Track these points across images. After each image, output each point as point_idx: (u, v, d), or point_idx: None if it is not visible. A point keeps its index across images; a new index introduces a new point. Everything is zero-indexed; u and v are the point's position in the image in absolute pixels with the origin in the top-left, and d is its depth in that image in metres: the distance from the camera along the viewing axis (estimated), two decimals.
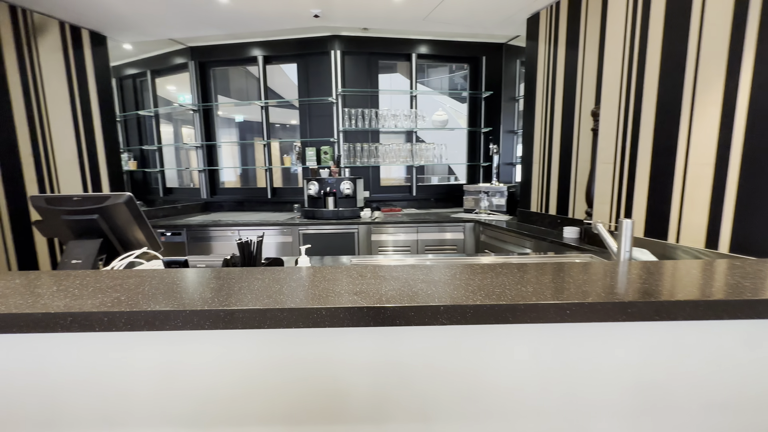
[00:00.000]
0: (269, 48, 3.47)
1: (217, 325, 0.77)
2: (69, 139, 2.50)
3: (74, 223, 1.32)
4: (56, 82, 2.41)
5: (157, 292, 0.87)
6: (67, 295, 0.87)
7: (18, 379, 0.89)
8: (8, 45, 2.17)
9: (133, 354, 0.87)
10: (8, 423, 0.92)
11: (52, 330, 0.78)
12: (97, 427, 0.91)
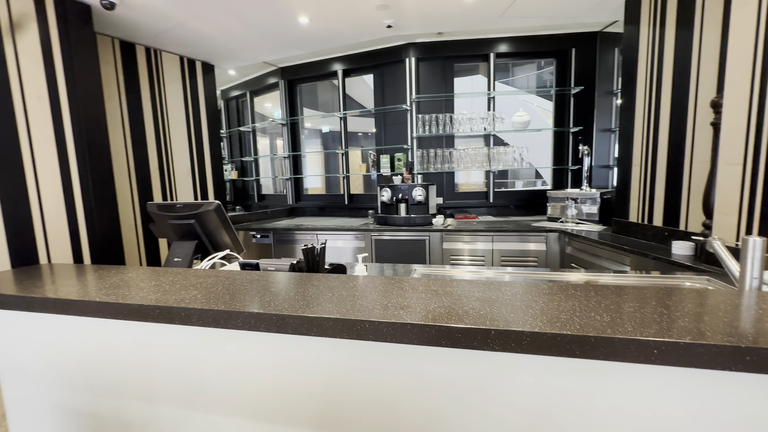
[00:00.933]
0: (347, 61, 3.65)
1: (270, 329, 0.81)
2: (184, 154, 2.98)
3: (177, 227, 1.55)
4: (176, 106, 2.89)
5: (226, 293, 0.96)
6: (160, 290, 1.02)
7: (127, 357, 1.07)
8: (144, 79, 2.68)
9: (206, 347, 0.98)
10: (118, 393, 1.11)
11: (146, 319, 0.92)
12: (181, 406, 1.04)
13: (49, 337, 1.16)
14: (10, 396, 1.27)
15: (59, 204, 1.89)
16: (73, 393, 1.16)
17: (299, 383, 0.90)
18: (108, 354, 1.09)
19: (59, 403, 1.19)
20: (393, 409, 0.84)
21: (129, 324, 1.03)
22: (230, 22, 2.34)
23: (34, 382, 1.22)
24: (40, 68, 1.83)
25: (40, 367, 1.20)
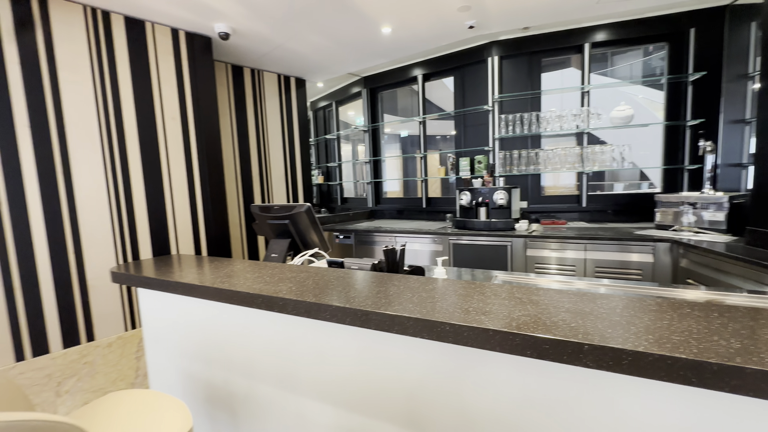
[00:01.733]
0: (427, 66, 3.67)
1: (355, 323, 0.87)
2: (279, 161, 3.32)
3: (274, 226, 1.74)
4: (273, 119, 3.25)
5: (316, 287, 1.06)
6: (262, 281, 1.16)
7: (234, 338, 1.24)
8: (249, 97, 3.07)
9: (297, 335, 1.08)
10: (226, 367, 1.28)
11: (251, 306, 1.05)
12: (275, 386, 1.16)
13: (178, 314, 1.40)
14: (151, 361, 1.57)
15: (185, 205, 2.28)
16: (193, 362, 1.38)
17: (378, 377, 0.94)
18: (219, 333, 1.27)
19: (184, 370, 1.43)
20: (470, 415, 0.83)
21: (237, 308, 1.19)
22: (320, 40, 2.55)
23: (166, 350, 1.49)
24: (175, 93, 2.23)
25: (171, 339, 1.46)
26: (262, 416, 1.20)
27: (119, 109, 2.01)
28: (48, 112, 1.79)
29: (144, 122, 2.11)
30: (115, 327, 2.03)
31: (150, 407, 1.05)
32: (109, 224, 1.99)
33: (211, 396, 1.34)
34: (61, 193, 1.83)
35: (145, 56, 2.10)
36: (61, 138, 1.83)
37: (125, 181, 2.04)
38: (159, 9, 1.99)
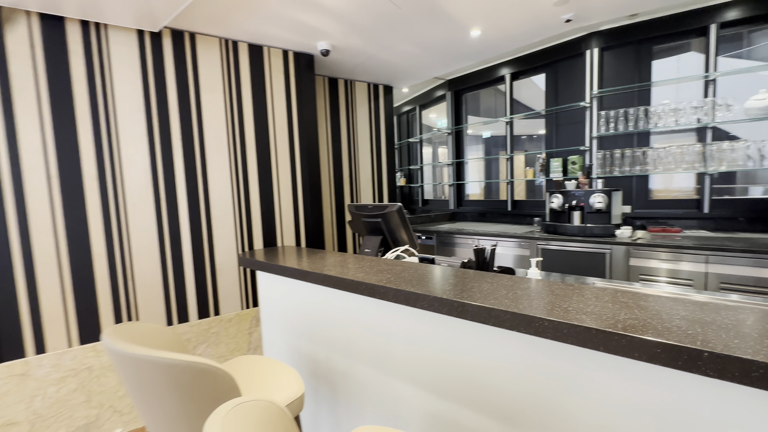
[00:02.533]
0: (516, 64, 3.55)
1: (451, 313, 0.93)
2: (367, 164, 3.54)
3: (368, 224, 1.89)
4: (363, 125, 3.48)
5: (412, 279, 1.15)
6: (362, 271, 1.30)
7: (336, 319, 1.40)
8: (342, 106, 3.35)
9: (394, 321, 1.19)
10: (329, 345, 1.45)
11: (354, 291, 1.19)
12: (372, 367, 1.29)
13: (289, 296, 1.63)
14: (266, 335, 1.84)
15: (289, 203, 2.60)
16: (300, 339, 1.59)
17: (470, 368, 0.99)
18: (324, 314, 1.45)
19: (292, 345, 1.65)
20: (561, 413, 0.83)
21: (341, 293, 1.35)
22: (409, 48, 2.67)
23: (277, 326, 1.74)
24: (283, 106, 2.56)
25: (282, 317, 1.70)
26: (358, 393, 1.34)
27: (242, 121, 2.39)
28: (193, 126, 2.22)
29: (259, 132, 2.46)
30: (235, 305, 2.40)
31: (272, 370, 1.26)
32: (232, 219, 2.37)
33: (314, 370, 1.53)
34: (200, 193, 2.26)
35: (262, 75, 2.46)
36: (201, 147, 2.25)
37: (245, 183, 2.41)
38: (274, 35, 2.31)
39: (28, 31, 1.78)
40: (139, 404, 0.96)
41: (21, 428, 1.81)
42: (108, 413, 2.01)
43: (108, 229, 1.99)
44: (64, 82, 1.86)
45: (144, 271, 2.10)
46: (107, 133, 1.98)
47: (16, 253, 1.78)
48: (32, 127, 1.80)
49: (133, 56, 2.03)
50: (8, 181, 1.76)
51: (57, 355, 1.88)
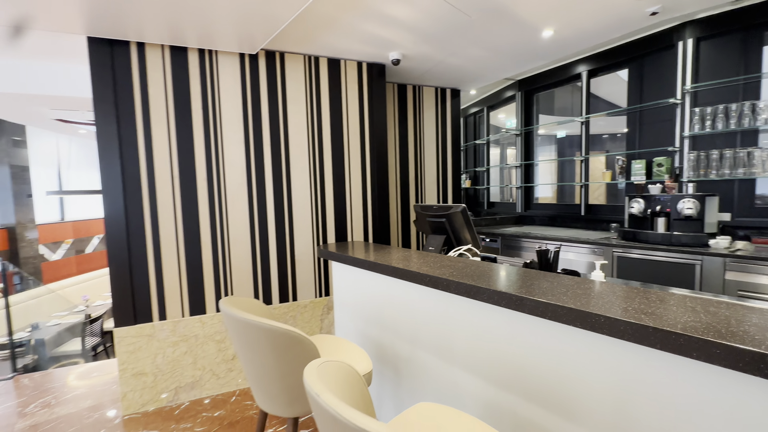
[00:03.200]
0: (594, 61, 3.36)
1: (510, 306, 1.01)
2: (432, 166, 3.64)
3: (432, 223, 2.00)
4: (429, 128, 3.59)
5: (474, 274, 1.23)
6: (426, 265, 1.41)
7: (401, 309, 1.54)
8: (410, 111, 3.50)
9: (454, 312, 1.28)
10: (394, 332, 1.59)
11: (419, 283, 1.31)
12: (432, 354, 1.39)
13: (359, 285, 1.80)
14: (338, 320, 2.05)
15: (359, 202, 2.81)
16: (368, 325, 1.76)
17: (529, 360, 1.05)
18: (390, 303, 1.59)
19: (361, 330, 1.83)
20: (628, 411, 0.85)
21: (406, 284, 1.48)
22: (478, 52, 2.71)
23: (348, 312, 1.93)
24: (357, 113, 2.78)
25: (353, 304, 1.88)
26: (420, 377, 1.46)
27: (321, 128, 2.66)
28: (280, 133, 2.54)
29: (335, 137, 2.71)
30: (309, 293, 2.68)
31: (345, 347, 1.43)
32: (310, 215, 2.65)
33: (380, 354, 1.69)
34: (284, 192, 2.57)
35: (339, 86, 2.71)
36: (286, 152, 2.56)
37: (321, 183, 2.68)
38: (350, 49, 2.53)
39: (161, 61, 2.22)
40: (244, 359, 1.19)
41: (147, 378, 2.26)
42: (208, 375, 2.40)
43: (213, 222, 2.38)
44: (184, 100, 2.28)
45: (238, 258, 2.46)
46: (214, 140, 2.36)
47: (149, 242, 2.24)
48: (162, 136, 2.24)
49: (236, 75, 2.39)
50: (145, 181, 2.21)
51: (173, 323, 2.31)
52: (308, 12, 1.98)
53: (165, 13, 1.81)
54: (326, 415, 0.62)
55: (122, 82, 2.14)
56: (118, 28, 1.98)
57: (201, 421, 2.12)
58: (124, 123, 2.15)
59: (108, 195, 2.15)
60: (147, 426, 2.09)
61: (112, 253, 2.17)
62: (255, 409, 2.22)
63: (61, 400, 2.40)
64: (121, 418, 2.18)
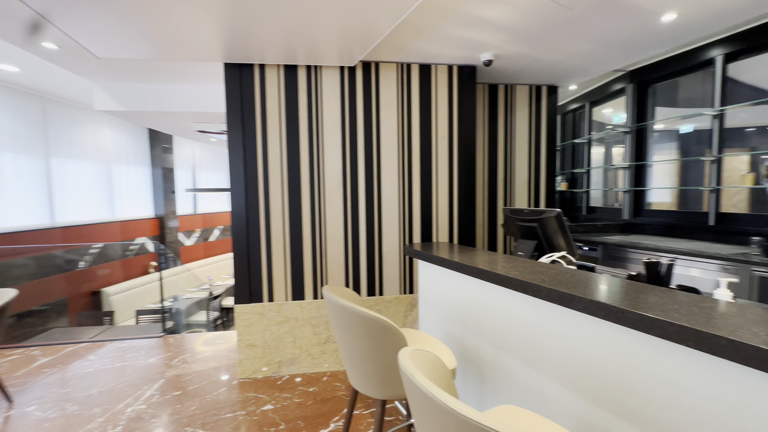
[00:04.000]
0: (731, 44, 2.82)
1: (609, 318, 0.96)
2: (523, 167, 3.48)
3: (522, 228, 1.94)
4: (522, 128, 3.43)
5: (568, 282, 1.19)
6: (516, 269, 1.40)
7: (488, 311, 1.54)
8: (501, 111, 3.40)
9: (545, 320, 1.25)
10: (478, 334, 1.60)
11: (507, 286, 1.31)
12: (519, 360, 1.38)
13: (444, 284, 1.85)
14: (422, 317, 2.13)
15: (445, 204, 2.85)
16: (452, 324, 1.80)
17: (629, 376, 0.98)
18: (476, 305, 1.61)
19: (444, 328, 1.87)
20: None
21: (493, 287, 1.48)
22: (581, 45, 2.51)
23: (432, 310, 1.99)
24: (445, 116, 2.83)
25: (437, 302, 1.94)
26: (505, 382, 1.45)
27: (410, 131, 2.77)
28: (372, 137, 2.72)
29: (423, 140, 2.80)
30: (395, 289, 2.81)
31: (431, 342, 1.50)
32: (397, 215, 2.78)
33: (464, 354, 1.71)
34: (374, 193, 2.74)
35: (429, 90, 2.78)
36: (377, 155, 2.73)
37: (409, 185, 2.79)
38: (441, 53, 2.59)
39: (277, 78, 2.57)
40: (341, 340, 1.35)
41: (257, 349, 2.64)
42: (304, 355, 2.70)
43: (312, 219, 2.67)
44: (293, 111, 2.60)
45: (333, 252, 2.71)
46: (316, 146, 2.65)
47: (263, 234, 2.61)
48: (275, 143, 2.60)
49: (336, 86, 2.64)
50: (261, 183, 2.59)
51: (279, 305, 2.66)
52: (402, 23, 2.09)
53: (282, 38, 2.11)
54: (419, 395, 0.69)
55: (247, 98, 2.54)
56: (246, 54, 2.37)
57: (298, 393, 2.40)
58: (247, 133, 2.56)
59: (234, 193, 2.58)
60: (257, 390, 2.45)
61: (235, 242, 2.60)
62: (344, 390, 2.43)
63: (194, 359, 2.95)
64: (237, 380, 2.59)
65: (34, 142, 4.44)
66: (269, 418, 2.14)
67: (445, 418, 0.62)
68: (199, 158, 8.10)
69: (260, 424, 2.08)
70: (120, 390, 2.48)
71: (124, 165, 6.01)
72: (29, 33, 2.17)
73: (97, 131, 5.45)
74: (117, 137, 5.84)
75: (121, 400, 2.36)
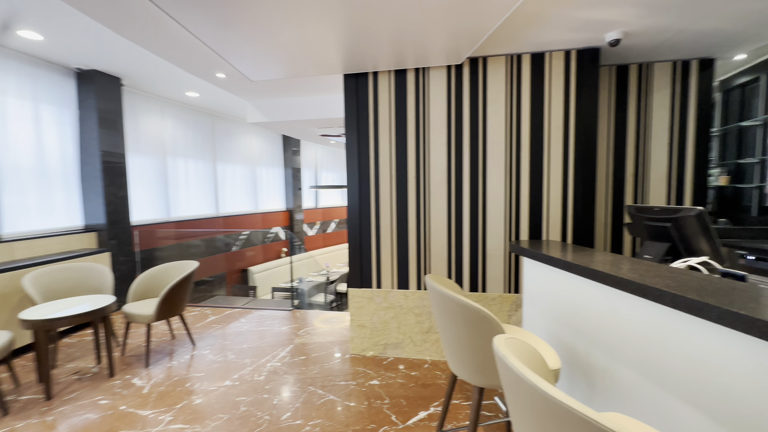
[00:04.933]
0: None
1: (751, 332, 0.82)
2: (661, 159, 2.96)
3: (651, 228, 1.71)
4: (660, 112, 2.93)
5: (702, 290, 1.04)
6: (635, 272, 1.27)
7: (601, 316, 1.43)
8: (632, 95, 2.96)
9: (668, 330, 1.11)
10: (589, 339, 1.49)
11: (623, 289, 1.21)
12: (636, 372, 1.26)
13: (551, 284, 1.77)
14: (526, 316, 2.07)
15: (558, 200, 2.65)
16: (559, 327, 1.71)
17: None
18: (587, 308, 1.50)
19: (550, 330, 1.79)
20: None
21: (607, 290, 1.37)
22: (749, 4, 2.02)
23: (537, 309, 1.92)
24: (560, 105, 2.62)
25: (543, 302, 1.86)
26: (619, 395, 1.33)
27: (519, 124, 2.66)
28: (478, 133, 2.71)
29: (534, 134, 2.66)
30: (498, 287, 2.76)
31: (534, 342, 1.48)
32: (503, 211, 2.72)
33: (571, 359, 1.62)
34: (479, 188, 2.74)
35: (541, 79, 2.62)
36: (483, 150, 2.71)
37: (516, 180, 2.69)
38: (556, 39, 2.41)
39: (388, 83, 2.78)
40: (441, 327, 1.44)
41: (366, 330, 2.93)
42: (407, 341, 2.88)
43: (418, 214, 2.82)
44: (402, 113, 2.78)
45: (437, 246, 2.81)
46: (423, 144, 2.78)
47: (373, 227, 2.88)
48: (385, 144, 2.82)
49: (443, 85, 2.72)
50: (372, 180, 2.85)
51: (385, 292, 2.89)
52: (512, 14, 2.04)
53: (393, 43, 2.29)
54: (511, 376, 0.74)
55: (362, 103, 2.82)
56: (362, 64, 2.63)
57: (401, 375, 2.59)
58: (361, 135, 2.84)
59: (350, 190, 2.90)
60: (365, 366, 2.73)
61: (350, 232, 2.92)
62: (443, 379, 2.52)
63: (315, 332, 3.43)
64: (349, 354, 2.93)
65: (206, 150, 5.72)
66: (375, 391, 2.37)
67: (538, 401, 0.66)
68: (321, 159, 9.14)
69: (368, 395, 2.33)
70: (262, 348, 3.07)
71: (265, 166, 7.22)
72: (207, 68, 2.85)
73: (247, 139, 6.68)
74: (260, 144, 7.05)
75: (263, 356, 2.92)
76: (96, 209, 3.85)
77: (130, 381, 2.55)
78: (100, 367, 2.76)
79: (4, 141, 3.16)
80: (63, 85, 3.64)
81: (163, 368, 2.74)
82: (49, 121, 3.53)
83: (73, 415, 2.15)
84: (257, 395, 2.35)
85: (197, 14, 1.88)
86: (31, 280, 2.76)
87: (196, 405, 2.25)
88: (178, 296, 2.88)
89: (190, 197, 5.40)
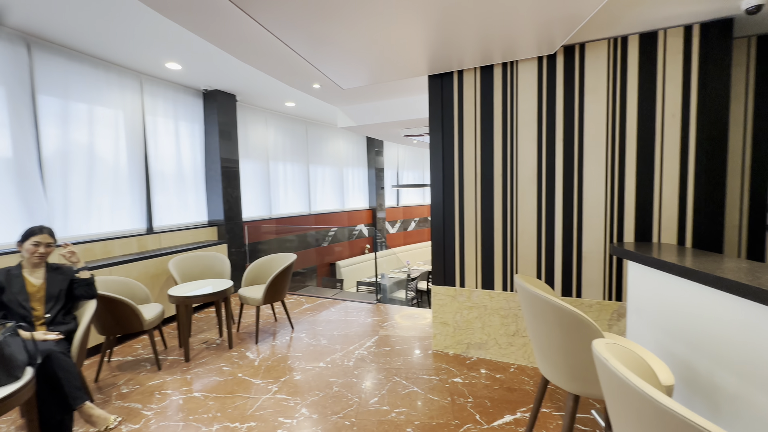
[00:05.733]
0: None
1: None
2: None
3: None
4: None
5: None
6: None
7: (727, 330, 1.24)
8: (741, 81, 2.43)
9: None
10: (713, 358, 1.30)
11: (759, 301, 1.04)
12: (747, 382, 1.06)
13: (663, 293, 1.58)
14: (631, 326, 1.88)
15: (673, 198, 2.32)
16: (673, 341, 1.52)
17: None
18: (710, 322, 1.31)
19: (661, 344, 1.60)
20: None
21: (737, 301, 1.18)
22: None
23: (645, 319, 1.73)
24: (678, 90, 2.28)
25: (652, 311, 1.67)
26: (754, 424, 1.14)
27: (624, 115, 2.40)
28: (574, 126, 2.51)
29: (643, 124, 2.36)
30: (597, 293, 2.53)
31: (643, 353, 1.35)
32: (602, 210, 2.48)
33: (689, 378, 1.43)
34: (574, 186, 2.54)
35: (653, 63, 2.32)
36: (579, 145, 2.51)
37: (620, 176, 2.43)
38: (674, 13, 2.11)
39: (473, 81, 2.75)
40: (531, 327, 1.41)
41: (448, 328, 2.95)
42: (492, 342, 2.82)
43: (504, 212, 2.74)
44: (488, 110, 2.72)
45: (524, 246, 2.69)
46: (510, 140, 2.68)
47: (456, 225, 2.88)
48: (470, 142, 2.80)
49: (533, 77, 2.59)
50: (456, 179, 2.86)
51: (469, 291, 2.87)
52: None
53: (480, 39, 2.27)
54: (615, 382, 0.72)
55: (446, 102, 2.84)
56: (447, 64, 2.66)
57: (485, 376, 2.55)
58: (446, 134, 2.87)
59: (434, 188, 2.95)
60: (448, 362, 2.76)
61: (434, 230, 2.97)
62: (531, 385, 2.41)
63: (398, 326, 3.56)
64: (432, 350, 2.99)
65: (300, 153, 6.32)
66: (459, 389, 2.39)
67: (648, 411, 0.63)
68: (402, 159, 9.33)
69: (451, 391, 2.36)
70: (350, 337, 3.31)
71: (351, 167, 7.66)
72: (303, 80, 3.17)
73: (335, 142, 7.18)
74: (346, 146, 7.51)
75: (351, 344, 3.15)
76: (216, 207, 4.57)
77: (244, 354, 2.99)
78: (221, 339, 3.29)
79: (155, 153, 3.95)
80: (194, 104, 4.39)
81: (268, 345, 3.14)
82: (184, 135, 4.30)
83: (204, 377, 2.61)
84: (347, 378, 2.55)
85: (298, 33, 2.13)
86: (174, 264, 3.41)
87: (296, 380, 2.54)
88: (281, 284, 3.27)
89: (287, 196, 6.02)
